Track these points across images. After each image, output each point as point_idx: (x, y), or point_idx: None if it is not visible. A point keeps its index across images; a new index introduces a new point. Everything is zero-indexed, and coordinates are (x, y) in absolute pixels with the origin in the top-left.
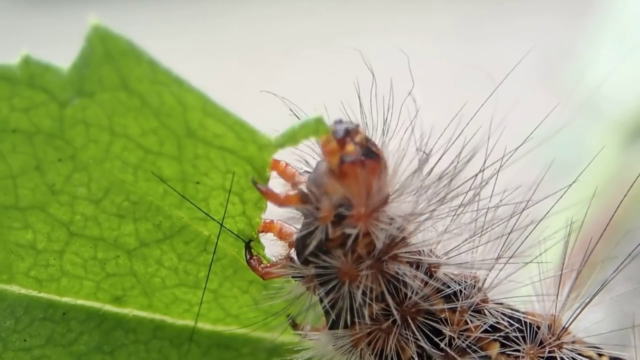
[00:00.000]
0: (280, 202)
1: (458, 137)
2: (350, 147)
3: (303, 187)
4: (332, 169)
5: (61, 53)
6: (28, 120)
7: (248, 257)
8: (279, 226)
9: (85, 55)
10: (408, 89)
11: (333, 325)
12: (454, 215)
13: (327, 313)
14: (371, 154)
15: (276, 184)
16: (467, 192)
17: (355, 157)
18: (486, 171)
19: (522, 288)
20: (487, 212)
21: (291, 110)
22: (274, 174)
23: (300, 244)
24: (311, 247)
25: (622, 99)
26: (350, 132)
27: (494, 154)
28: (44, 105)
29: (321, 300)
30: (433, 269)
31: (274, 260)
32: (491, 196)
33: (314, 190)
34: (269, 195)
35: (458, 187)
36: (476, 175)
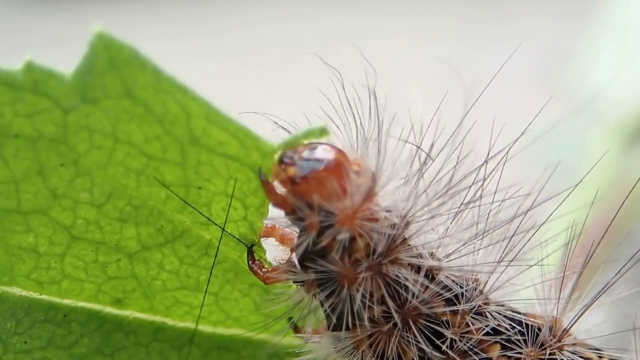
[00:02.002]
0: (275, 201)
1: (452, 133)
2: (291, 170)
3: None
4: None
5: (64, 55)
6: (31, 126)
7: (250, 261)
8: (281, 231)
9: (89, 63)
10: (408, 91)
11: (334, 328)
12: (454, 217)
13: (328, 316)
14: (317, 162)
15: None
16: (466, 193)
17: (298, 175)
18: (486, 172)
19: (523, 290)
20: (488, 214)
21: (276, 123)
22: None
23: (297, 251)
24: (303, 254)
25: (622, 100)
26: (282, 157)
27: (494, 155)
28: (48, 111)
29: (322, 304)
30: (434, 272)
31: (276, 265)
32: (493, 198)
33: (296, 202)
34: (269, 191)
35: (456, 186)
36: (476, 177)
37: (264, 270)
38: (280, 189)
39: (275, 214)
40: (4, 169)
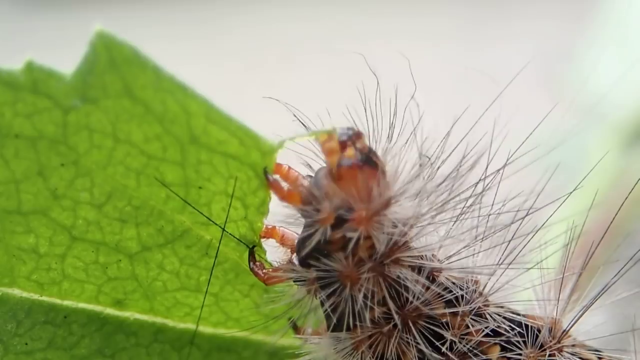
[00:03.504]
0: (283, 196)
1: (460, 141)
2: (350, 151)
3: (305, 189)
4: (331, 170)
5: (65, 56)
6: (31, 126)
7: (251, 262)
8: (281, 232)
9: (89, 62)
10: (409, 93)
11: (334, 329)
12: (456, 220)
13: (328, 316)
14: (370, 162)
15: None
16: (469, 197)
17: (354, 161)
18: (489, 176)
19: (523, 292)
20: (489, 217)
21: (295, 116)
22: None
23: (301, 246)
24: (310, 248)
25: (622, 102)
26: (353, 137)
27: (496, 159)
28: (48, 111)
29: (322, 304)
30: (435, 274)
31: (277, 266)
32: (494, 201)
33: (315, 192)
34: (275, 187)
35: (461, 191)
36: (479, 180)
37: (264, 271)
38: (284, 184)
39: (275, 214)
40: (4, 169)
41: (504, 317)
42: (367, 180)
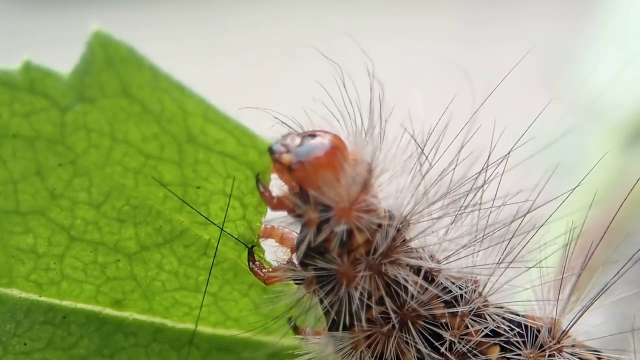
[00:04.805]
0: (273, 206)
1: (456, 137)
2: (286, 158)
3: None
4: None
5: (64, 56)
6: (29, 126)
7: (251, 262)
8: (281, 232)
9: (87, 62)
10: (409, 91)
11: (333, 327)
12: (455, 219)
13: (327, 315)
14: (314, 147)
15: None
16: (467, 195)
17: (294, 162)
18: (487, 174)
19: (522, 292)
20: (488, 216)
21: (276, 118)
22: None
23: (298, 248)
24: (304, 251)
25: (622, 102)
26: (280, 145)
27: (494, 157)
28: (45, 111)
29: (322, 302)
30: (434, 274)
31: (276, 266)
32: (494, 200)
33: (295, 199)
34: (265, 197)
35: (457, 189)
36: (476, 178)
37: (264, 271)
38: (276, 190)
39: (275, 215)
40: (2, 170)
41: (504, 318)
42: (329, 167)
